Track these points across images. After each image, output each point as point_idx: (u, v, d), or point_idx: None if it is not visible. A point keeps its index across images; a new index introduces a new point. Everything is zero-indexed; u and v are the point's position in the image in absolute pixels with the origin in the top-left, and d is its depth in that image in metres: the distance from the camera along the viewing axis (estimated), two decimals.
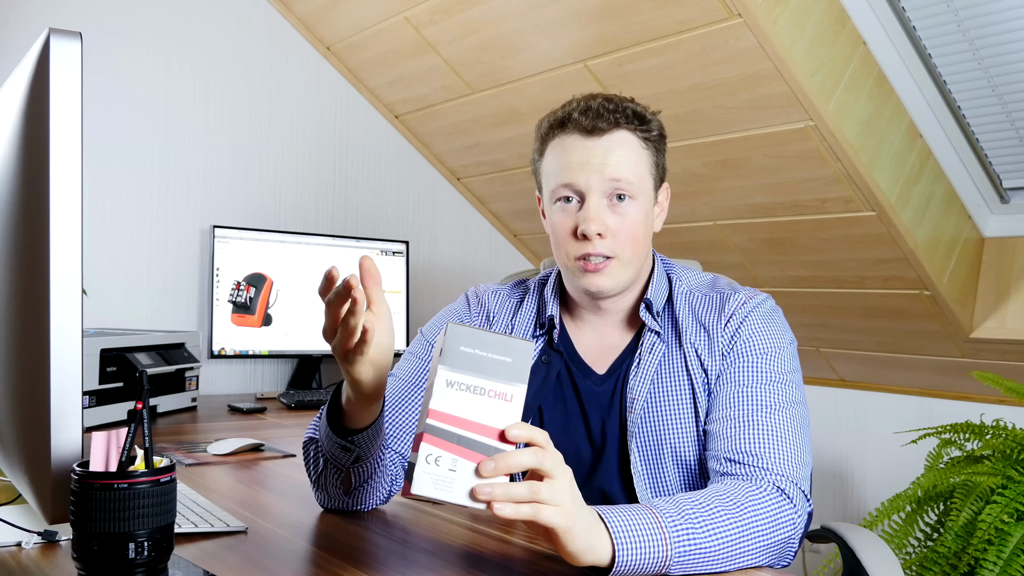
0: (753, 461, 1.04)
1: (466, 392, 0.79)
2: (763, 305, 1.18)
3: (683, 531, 0.89)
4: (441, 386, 0.78)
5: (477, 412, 0.79)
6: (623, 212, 1.15)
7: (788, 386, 1.12)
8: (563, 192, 1.16)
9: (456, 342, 0.79)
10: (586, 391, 1.21)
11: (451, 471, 0.77)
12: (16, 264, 0.86)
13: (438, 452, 0.77)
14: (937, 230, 2.18)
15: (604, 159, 1.14)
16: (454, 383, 0.79)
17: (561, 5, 2.08)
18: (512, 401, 0.80)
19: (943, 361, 2.42)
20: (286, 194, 2.67)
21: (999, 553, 1.65)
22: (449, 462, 0.77)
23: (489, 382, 0.79)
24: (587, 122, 1.15)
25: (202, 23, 2.50)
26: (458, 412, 0.78)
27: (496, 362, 0.80)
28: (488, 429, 0.79)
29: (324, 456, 1.05)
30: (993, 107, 2.09)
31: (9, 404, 0.91)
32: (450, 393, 0.78)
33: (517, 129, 2.60)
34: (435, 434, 0.77)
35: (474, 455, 0.78)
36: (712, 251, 2.59)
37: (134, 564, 0.74)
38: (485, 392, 0.79)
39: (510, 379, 0.80)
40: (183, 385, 2.08)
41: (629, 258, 1.16)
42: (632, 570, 0.86)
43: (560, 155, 1.17)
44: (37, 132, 0.79)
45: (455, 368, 0.79)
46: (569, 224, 1.16)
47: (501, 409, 0.79)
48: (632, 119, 1.17)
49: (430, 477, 0.77)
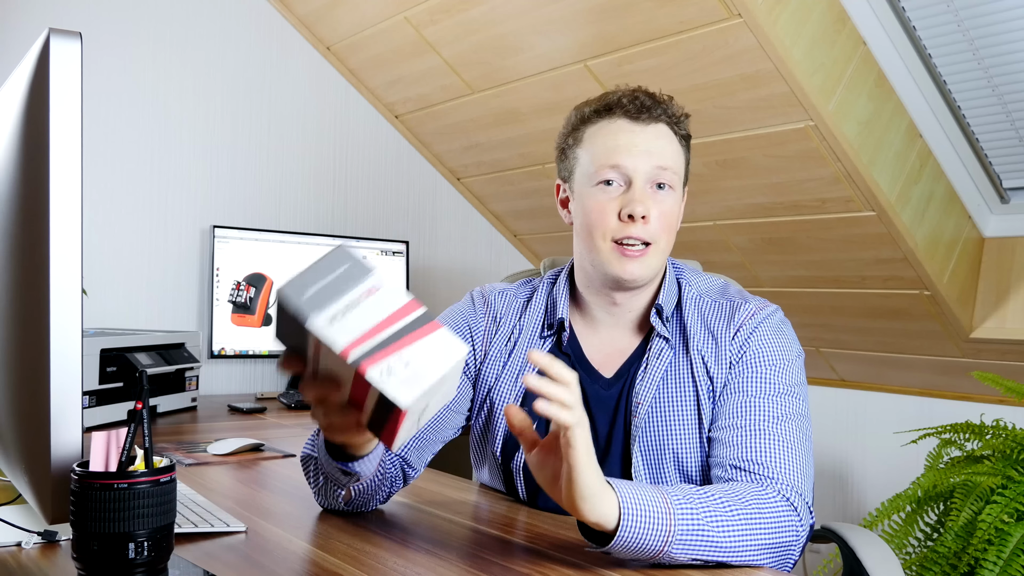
0: (759, 470, 1.04)
1: (347, 313, 0.76)
2: (773, 317, 1.19)
3: (688, 513, 0.90)
4: (327, 327, 0.75)
5: (370, 318, 0.76)
6: (663, 200, 1.16)
7: (795, 398, 1.12)
8: (608, 174, 1.16)
9: (298, 295, 0.76)
10: (593, 395, 1.20)
11: (407, 364, 0.75)
12: (16, 264, 0.86)
13: (384, 364, 0.74)
14: (937, 230, 2.18)
15: (650, 146, 1.15)
16: (331, 317, 0.76)
17: (561, 5, 2.08)
18: (381, 289, 0.78)
19: (943, 361, 2.42)
20: (286, 194, 2.67)
21: (999, 553, 1.65)
22: (398, 361, 0.75)
23: (353, 293, 0.77)
24: (635, 109, 1.16)
25: (202, 23, 2.50)
26: (360, 329, 0.76)
27: (340, 275, 0.78)
28: (391, 318, 0.76)
29: (324, 475, 1.05)
30: (993, 107, 2.09)
31: (9, 404, 0.91)
32: (339, 325, 0.76)
33: (517, 129, 2.60)
34: (365, 356, 0.74)
35: (409, 338, 0.76)
36: (712, 251, 2.59)
37: (134, 564, 0.74)
38: (359, 303, 0.77)
39: (360, 277, 0.78)
40: (183, 385, 2.08)
41: (664, 247, 1.17)
42: (634, 542, 0.87)
43: (606, 137, 1.17)
44: (37, 132, 0.79)
45: (318, 308, 0.76)
46: (612, 206, 1.15)
47: (381, 299, 0.77)
48: (672, 116, 1.19)
49: (401, 383, 0.74)
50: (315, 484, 1.10)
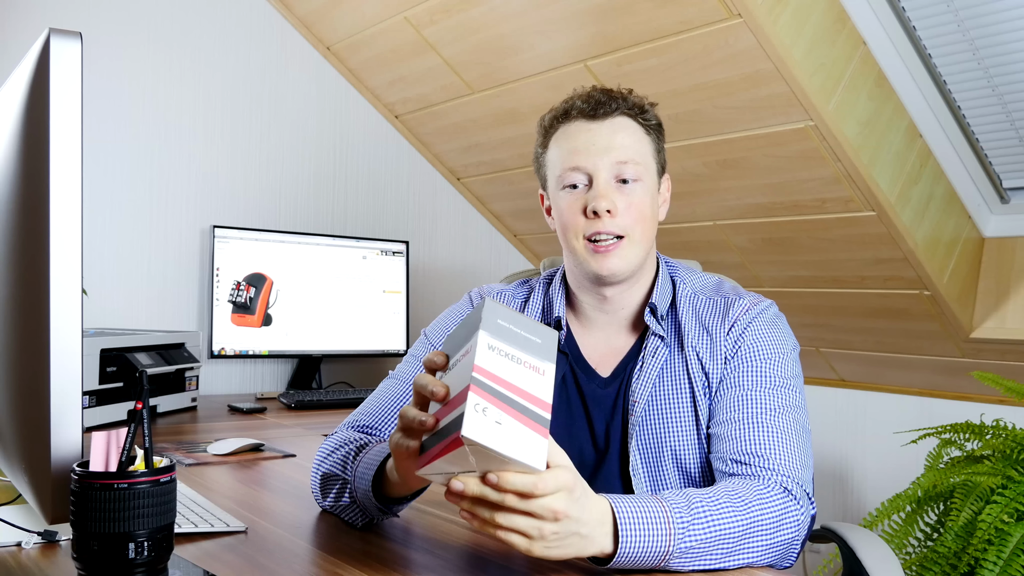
0: (759, 462, 1.05)
1: (505, 358, 0.79)
2: (767, 311, 1.19)
3: (688, 523, 0.90)
4: (484, 347, 0.78)
5: (516, 377, 0.79)
6: (629, 192, 1.17)
7: (791, 391, 1.13)
8: (571, 178, 1.17)
9: (494, 315, 0.80)
10: (590, 394, 1.21)
11: (497, 423, 0.76)
12: (16, 264, 0.86)
13: (485, 403, 0.76)
14: (937, 230, 2.18)
15: (609, 141, 1.16)
16: (494, 347, 0.79)
17: (561, 5, 2.08)
18: (544, 375, 0.80)
19: (943, 361, 2.42)
20: (286, 194, 2.67)
21: (999, 553, 1.65)
22: (495, 415, 0.76)
23: (524, 354, 0.80)
24: (590, 108, 1.18)
25: (202, 23, 2.50)
26: (500, 373, 0.78)
27: (529, 339, 0.81)
28: (528, 395, 0.78)
29: (357, 504, 1.04)
30: (993, 107, 2.09)
31: (9, 404, 0.91)
32: (491, 355, 0.78)
33: (517, 129, 2.60)
34: (481, 388, 0.76)
35: (518, 415, 0.77)
36: (712, 251, 2.59)
37: (134, 564, 0.74)
38: (521, 362, 0.79)
39: (541, 356, 0.81)
40: (183, 385, 2.08)
41: (639, 238, 1.17)
42: (632, 560, 0.88)
43: (565, 141, 1.19)
44: (37, 132, 0.79)
45: (494, 335, 0.79)
46: (577, 205, 1.17)
47: (536, 380, 0.79)
48: (632, 107, 1.19)
49: (479, 425, 0.75)
50: (334, 502, 1.08)
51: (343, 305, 2.55)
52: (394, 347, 2.63)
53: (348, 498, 1.05)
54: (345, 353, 2.56)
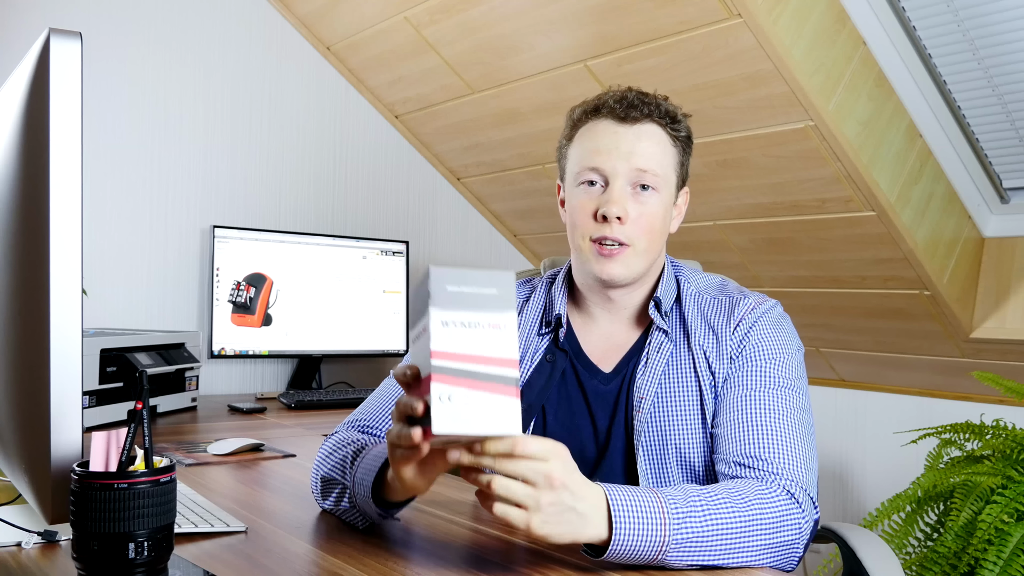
0: (762, 465, 1.04)
1: (461, 328, 0.79)
2: (772, 311, 1.19)
3: (684, 515, 0.90)
4: (437, 327, 0.79)
5: (476, 345, 0.79)
6: (644, 202, 1.16)
7: (796, 392, 1.12)
8: (588, 175, 1.17)
9: (442, 283, 0.80)
10: (592, 390, 1.21)
11: (465, 405, 0.77)
12: (16, 264, 0.86)
13: (449, 389, 0.77)
14: (937, 230, 2.18)
15: (633, 147, 1.15)
16: (448, 322, 0.79)
17: (561, 5, 2.08)
18: (505, 328, 0.80)
19: (943, 361, 2.42)
20: (286, 194, 2.67)
21: (999, 553, 1.65)
22: (462, 397, 0.77)
23: (480, 315, 0.80)
24: (620, 110, 1.17)
25: (202, 23, 2.50)
26: (458, 349, 0.79)
27: (482, 295, 0.81)
28: (491, 359, 0.79)
29: (357, 507, 1.04)
30: (993, 107, 2.09)
31: (9, 404, 0.91)
32: (446, 332, 0.79)
33: (517, 129, 2.60)
34: (443, 372, 0.78)
35: (483, 385, 0.78)
36: (712, 251, 2.59)
37: (134, 564, 0.74)
38: (479, 325, 0.80)
39: (499, 308, 0.81)
40: (183, 385, 2.08)
41: (644, 248, 1.17)
42: (628, 551, 0.88)
43: (590, 139, 1.18)
44: (37, 132, 0.79)
45: (446, 307, 0.79)
46: (590, 206, 1.16)
47: (496, 338, 0.80)
48: (664, 115, 1.18)
49: (448, 416, 0.77)
50: (334, 505, 1.08)
51: (343, 305, 2.55)
52: (394, 347, 2.63)
53: (348, 503, 1.06)
54: (345, 353, 2.56)
